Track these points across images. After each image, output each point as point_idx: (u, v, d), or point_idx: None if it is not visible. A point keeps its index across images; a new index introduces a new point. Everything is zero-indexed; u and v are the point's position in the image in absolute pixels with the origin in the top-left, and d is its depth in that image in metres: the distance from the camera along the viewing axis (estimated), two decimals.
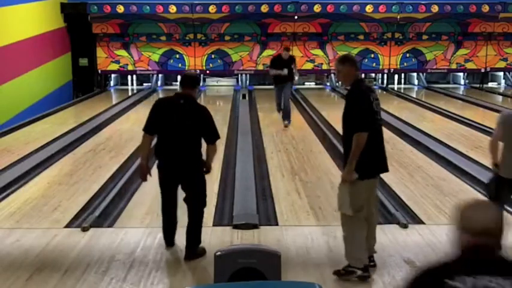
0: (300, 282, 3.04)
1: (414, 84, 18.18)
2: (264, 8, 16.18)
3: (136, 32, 16.68)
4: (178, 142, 4.63)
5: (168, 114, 4.66)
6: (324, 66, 17.21)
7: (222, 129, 10.57)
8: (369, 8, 16.31)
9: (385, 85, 17.72)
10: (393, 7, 16.36)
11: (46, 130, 10.67)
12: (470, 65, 17.49)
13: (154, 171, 4.86)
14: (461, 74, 18.17)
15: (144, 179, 4.83)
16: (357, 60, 4.56)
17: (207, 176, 4.94)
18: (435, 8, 16.38)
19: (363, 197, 4.23)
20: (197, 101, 4.79)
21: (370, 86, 4.68)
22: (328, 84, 17.83)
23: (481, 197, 6.29)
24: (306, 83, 17.83)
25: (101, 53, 16.86)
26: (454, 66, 17.55)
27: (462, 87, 17.79)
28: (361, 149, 4.08)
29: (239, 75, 17.48)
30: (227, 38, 16.84)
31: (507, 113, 4.95)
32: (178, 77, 17.79)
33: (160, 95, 16.47)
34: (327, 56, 17.08)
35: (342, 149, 4.60)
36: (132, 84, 17.88)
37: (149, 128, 4.72)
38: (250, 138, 9.66)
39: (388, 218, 5.59)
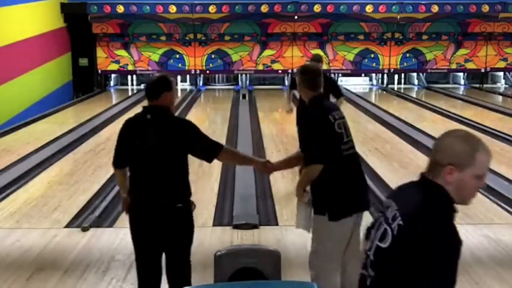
0: (300, 282, 3.04)
1: (414, 84, 18.18)
2: (264, 8, 16.18)
3: (136, 32, 16.68)
4: (151, 175, 3.37)
5: (134, 137, 3.40)
6: (324, 66, 17.19)
7: (222, 129, 10.61)
8: (369, 8, 16.31)
9: (385, 85, 17.72)
10: (393, 7, 16.36)
11: (46, 130, 10.67)
12: (470, 65, 17.50)
13: None
14: (461, 74, 18.17)
15: (128, 213, 3.65)
16: (319, 69, 3.73)
17: (207, 176, 4.89)
18: (435, 8, 16.39)
19: (335, 242, 3.47)
20: (173, 109, 3.53)
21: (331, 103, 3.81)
22: None
23: (481, 197, 6.30)
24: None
25: (101, 53, 16.86)
26: (454, 66, 17.55)
27: (462, 87, 17.79)
28: (310, 181, 3.47)
29: (239, 75, 17.50)
30: (227, 38, 16.84)
31: None
32: (179, 77, 17.85)
33: None
34: (327, 56, 17.07)
35: None
36: (132, 84, 17.88)
37: (116, 161, 3.54)
38: (250, 138, 9.66)
39: None
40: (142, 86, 17.53)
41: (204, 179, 7.13)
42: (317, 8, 16.29)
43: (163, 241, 3.43)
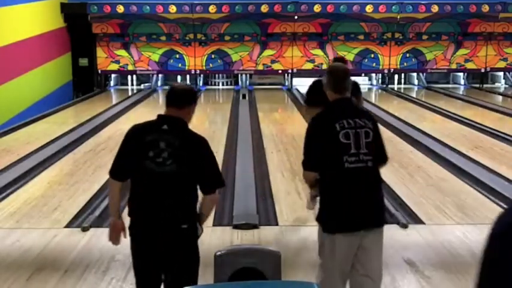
0: (300, 282, 3.04)
1: (414, 84, 18.18)
2: (264, 8, 16.18)
3: (136, 32, 16.68)
4: (159, 194, 3.09)
5: (144, 148, 3.08)
6: (324, 66, 17.19)
7: (222, 129, 10.62)
8: (369, 8, 16.31)
9: (385, 85, 17.73)
10: (393, 7, 16.36)
11: (46, 130, 10.67)
12: (470, 65, 17.49)
13: None
14: (461, 74, 18.18)
15: (115, 243, 3.33)
16: (346, 70, 3.53)
17: None
18: (435, 8, 16.39)
19: (327, 255, 3.31)
20: (190, 125, 3.22)
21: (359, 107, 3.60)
22: None
23: (481, 197, 6.30)
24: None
25: (101, 53, 16.86)
26: (454, 66, 17.55)
27: (462, 87, 17.79)
28: (309, 184, 3.52)
29: (239, 75, 17.50)
30: (227, 38, 16.84)
31: None
32: (179, 77, 17.86)
33: (160, 95, 16.49)
34: (326, 56, 17.08)
35: None
36: (132, 84, 17.88)
37: (116, 171, 3.19)
38: (250, 138, 9.66)
39: (388, 218, 5.59)
40: (142, 86, 17.56)
41: None
42: (317, 8, 16.29)
43: (165, 265, 3.17)
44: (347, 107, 3.38)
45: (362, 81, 18.42)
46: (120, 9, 15.99)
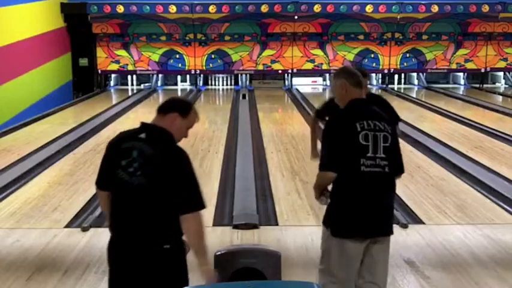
0: (300, 282, 3.04)
1: (414, 84, 18.18)
2: (264, 8, 16.18)
3: (137, 32, 16.68)
4: (130, 208, 2.81)
5: (117, 156, 2.81)
6: (324, 66, 17.22)
7: (222, 129, 10.62)
8: (369, 8, 16.32)
9: (385, 85, 17.73)
10: (393, 7, 16.37)
11: (46, 130, 10.67)
12: (470, 65, 17.50)
13: None
14: (461, 74, 18.18)
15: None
16: (355, 72, 3.34)
17: (207, 176, 4.86)
18: (435, 8, 16.39)
19: (335, 260, 3.18)
20: (175, 140, 2.88)
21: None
22: (328, 84, 17.83)
23: (481, 197, 6.29)
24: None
25: (101, 53, 16.86)
26: (454, 66, 17.55)
27: (462, 87, 17.79)
28: (321, 187, 3.22)
29: (239, 75, 17.50)
30: (227, 38, 16.84)
31: None
32: (179, 77, 17.87)
33: (160, 95, 16.49)
34: (326, 56, 17.08)
35: None
36: (132, 84, 17.88)
37: (98, 180, 2.96)
38: (250, 138, 9.66)
39: None
40: (142, 86, 17.56)
41: (204, 179, 7.13)
42: (317, 8, 16.29)
43: None
44: (367, 107, 3.24)
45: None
46: (120, 9, 16.00)
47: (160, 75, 17.69)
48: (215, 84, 17.96)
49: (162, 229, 2.80)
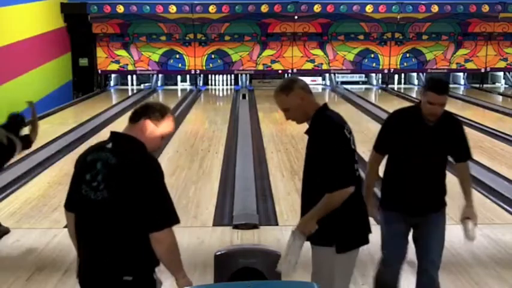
0: (300, 282, 3.03)
1: (414, 84, 18.18)
2: (264, 8, 16.18)
3: (137, 32, 16.68)
4: (92, 229, 2.49)
5: (82, 170, 2.51)
6: (324, 66, 17.22)
7: (222, 129, 10.62)
8: (369, 8, 16.32)
9: (385, 85, 17.73)
10: (393, 7, 16.37)
11: (46, 130, 10.65)
12: (470, 65, 17.50)
13: None
14: (461, 74, 18.19)
15: None
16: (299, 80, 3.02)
17: (207, 176, 4.84)
18: (435, 8, 16.40)
19: (345, 277, 3.08)
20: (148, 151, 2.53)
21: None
22: (328, 84, 17.84)
23: (482, 197, 6.29)
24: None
25: (101, 53, 16.86)
26: (454, 66, 17.56)
27: (462, 87, 17.79)
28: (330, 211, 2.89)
29: (239, 75, 17.50)
30: (227, 38, 16.84)
31: None
32: (179, 77, 17.87)
33: (160, 95, 16.50)
34: (327, 56, 17.09)
35: None
36: (132, 84, 17.89)
37: (66, 200, 2.68)
38: (250, 138, 9.66)
39: None
40: (142, 86, 17.56)
41: (204, 179, 7.14)
42: (317, 8, 16.29)
43: None
44: (336, 112, 3.07)
45: (358, 77, 18.38)
46: (120, 9, 16.00)
47: (160, 75, 17.69)
48: (215, 84, 17.97)
49: (124, 255, 2.42)
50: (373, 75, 18.12)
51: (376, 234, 3.32)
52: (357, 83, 18.01)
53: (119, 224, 2.41)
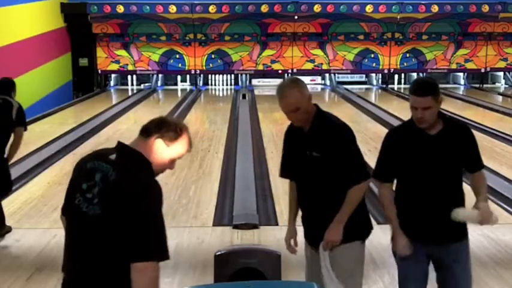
0: (300, 282, 3.04)
1: None
2: (264, 8, 16.19)
3: (137, 32, 16.68)
4: (80, 245, 2.39)
5: (80, 177, 2.36)
6: (324, 66, 17.22)
7: (222, 129, 10.61)
8: (369, 8, 16.32)
9: (385, 85, 17.73)
10: (393, 7, 16.37)
11: (46, 130, 10.67)
12: (470, 65, 17.50)
13: None
14: (461, 74, 18.19)
15: None
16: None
17: (207, 176, 4.85)
18: (435, 8, 16.40)
19: (361, 267, 3.17)
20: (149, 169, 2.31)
21: None
22: (328, 84, 17.84)
23: None
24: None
25: (101, 53, 16.87)
26: (454, 66, 17.56)
27: (462, 87, 17.79)
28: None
29: (239, 75, 17.51)
30: (227, 38, 16.85)
31: None
32: (179, 77, 17.87)
33: (160, 95, 16.49)
34: (326, 56, 17.08)
35: None
36: (132, 84, 17.89)
37: (63, 206, 2.59)
38: (250, 138, 9.66)
39: None
40: (142, 86, 17.57)
41: (204, 179, 7.14)
42: (317, 8, 16.30)
43: None
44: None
45: (359, 78, 18.38)
46: (120, 9, 16.00)
47: (160, 75, 17.69)
48: (215, 84, 17.97)
49: (111, 280, 2.23)
50: (373, 75, 18.13)
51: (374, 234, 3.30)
52: (356, 83, 18.00)
53: (105, 245, 2.22)
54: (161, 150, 2.30)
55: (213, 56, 17.06)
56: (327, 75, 17.76)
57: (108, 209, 2.20)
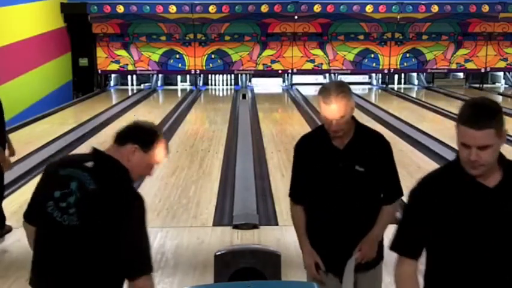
0: (300, 282, 3.04)
1: (414, 84, 18.18)
2: (264, 8, 16.18)
3: (137, 32, 16.68)
4: (54, 258, 2.18)
5: (52, 184, 2.26)
6: (324, 66, 17.22)
7: (222, 129, 10.61)
8: (369, 8, 16.32)
9: (385, 85, 17.73)
10: (393, 7, 16.37)
11: (46, 130, 10.67)
12: (470, 65, 17.50)
13: None
14: (461, 74, 18.19)
15: None
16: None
17: (207, 176, 4.86)
18: (435, 8, 16.40)
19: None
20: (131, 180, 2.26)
21: None
22: None
23: None
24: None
25: (101, 53, 16.86)
26: (454, 66, 17.56)
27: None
28: None
29: (239, 75, 17.51)
30: (227, 38, 16.84)
31: None
32: (179, 77, 17.87)
33: (160, 95, 16.49)
34: (326, 56, 17.08)
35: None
36: (132, 84, 17.89)
37: (27, 210, 2.40)
38: (250, 138, 9.66)
39: None
40: (142, 86, 17.56)
41: (204, 179, 7.14)
42: (317, 8, 16.29)
43: None
44: None
45: (362, 79, 18.40)
46: (120, 9, 16.00)
47: (160, 75, 17.69)
48: (215, 84, 17.97)
49: None
50: (373, 75, 18.13)
51: None
52: (357, 83, 18.00)
53: (88, 255, 2.12)
54: (138, 158, 2.24)
55: (213, 56, 17.06)
56: (327, 75, 17.76)
57: (88, 220, 2.11)
